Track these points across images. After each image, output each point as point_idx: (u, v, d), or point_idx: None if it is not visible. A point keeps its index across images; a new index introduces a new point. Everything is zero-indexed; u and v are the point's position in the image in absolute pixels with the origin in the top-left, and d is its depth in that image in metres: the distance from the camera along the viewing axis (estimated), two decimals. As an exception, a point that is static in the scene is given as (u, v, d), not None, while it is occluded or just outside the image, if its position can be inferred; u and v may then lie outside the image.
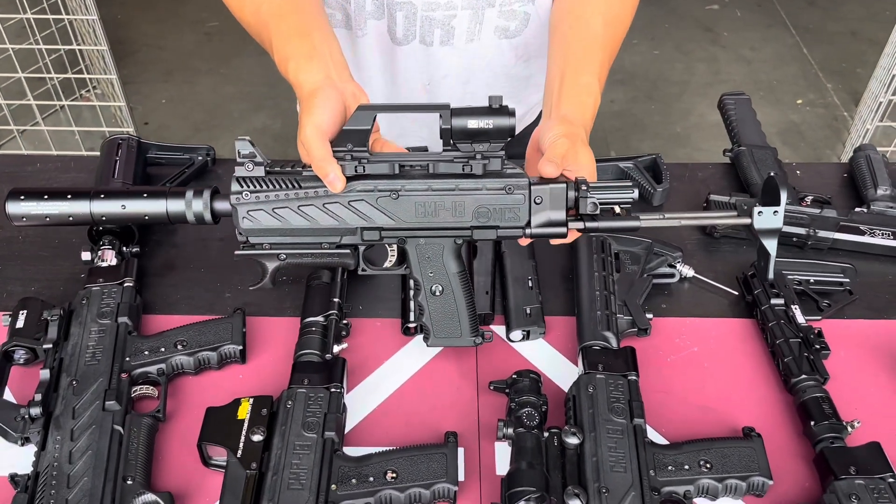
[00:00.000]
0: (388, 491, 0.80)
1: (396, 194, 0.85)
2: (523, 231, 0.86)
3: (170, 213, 0.90)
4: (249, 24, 0.99)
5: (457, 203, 0.85)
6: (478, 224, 0.86)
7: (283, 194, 0.85)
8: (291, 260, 0.89)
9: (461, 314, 0.91)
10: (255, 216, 0.86)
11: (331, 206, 0.86)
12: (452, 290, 0.90)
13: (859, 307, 1.04)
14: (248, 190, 0.85)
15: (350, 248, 0.88)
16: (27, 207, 0.91)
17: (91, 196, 0.91)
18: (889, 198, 1.14)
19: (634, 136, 3.14)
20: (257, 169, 0.85)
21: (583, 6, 1.03)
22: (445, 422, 0.90)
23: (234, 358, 0.94)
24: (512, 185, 0.85)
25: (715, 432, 0.88)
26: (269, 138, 3.05)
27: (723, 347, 0.99)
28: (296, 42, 0.91)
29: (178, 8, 3.82)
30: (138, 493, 0.79)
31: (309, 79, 0.87)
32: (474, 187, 0.85)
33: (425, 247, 0.88)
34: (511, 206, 0.85)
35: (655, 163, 1.21)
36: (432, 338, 0.93)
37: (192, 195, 0.89)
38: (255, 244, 0.88)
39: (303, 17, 0.94)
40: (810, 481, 0.85)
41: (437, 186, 0.85)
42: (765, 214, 0.85)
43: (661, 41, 3.66)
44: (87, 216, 0.91)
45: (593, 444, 0.82)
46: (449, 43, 1.14)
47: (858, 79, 3.37)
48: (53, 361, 0.89)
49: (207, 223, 0.91)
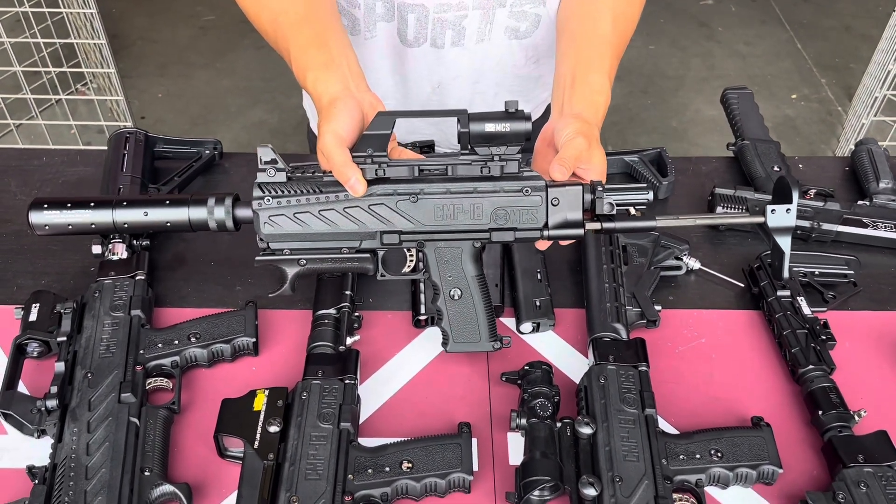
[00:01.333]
0: (404, 480, 0.81)
1: (416, 198, 0.86)
2: (541, 233, 0.87)
3: (192, 221, 0.93)
4: (266, 31, 1.00)
5: (475, 205, 0.87)
6: (496, 226, 0.87)
7: (304, 199, 0.86)
8: (311, 266, 0.89)
9: (480, 318, 0.91)
10: (276, 221, 0.87)
11: (351, 210, 0.87)
12: (471, 294, 0.91)
13: (863, 299, 1.05)
14: (270, 195, 0.87)
15: (369, 253, 0.89)
16: (50, 217, 0.93)
17: (114, 205, 0.93)
18: (891, 191, 1.16)
19: (631, 130, 3.15)
20: (279, 175, 0.87)
21: (591, 4, 1.03)
22: (458, 413, 0.91)
23: (247, 350, 0.95)
24: (529, 187, 0.86)
25: (724, 422, 0.90)
26: (267, 132, 3.05)
27: (730, 338, 1.00)
28: (313, 53, 0.92)
29: (172, 2, 3.81)
30: (156, 484, 0.80)
31: (327, 90, 0.88)
32: (492, 189, 0.86)
33: (444, 250, 0.89)
34: (528, 207, 0.87)
35: (660, 156, 1.22)
36: (451, 343, 0.92)
37: (213, 202, 0.91)
38: (275, 250, 0.89)
39: (320, 26, 0.95)
40: (819, 469, 0.87)
41: (456, 189, 0.86)
42: (778, 212, 0.87)
43: (656, 36, 3.68)
44: (110, 224, 0.93)
45: (606, 433, 0.83)
46: (460, 44, 1.15)
47: (852, 74, 3.40)
48: (67, 354, 0.89)
49: (229, 230, 0.93)
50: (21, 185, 1.19)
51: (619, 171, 1.24)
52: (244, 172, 1.20)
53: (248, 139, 3.02)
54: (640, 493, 0.78)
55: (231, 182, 1.19)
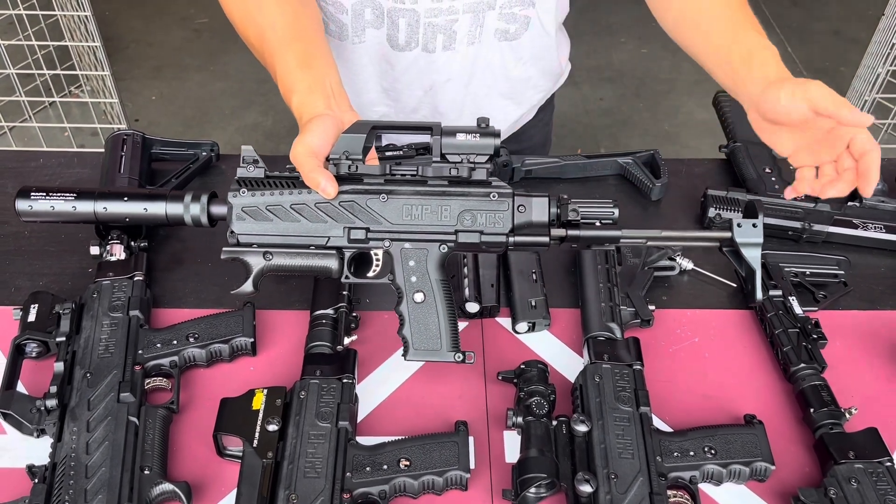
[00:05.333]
0: (402, 478, 0.82)
1: (385, 196, 0.89)
2: (506, 237, 0.89)
3: (169, 216, 0.96)
4: (253, 45, 1.01)
5: (443, 206, 0.89)
6: (462, 228, 0.89)
7: (277, 192, 0.89)
8: (277, 261, 0.90)
9: (442, 325, 0.90)
10: (248, 213, 0.90)
11: (322, 205, 0.89)
12: (434, 299, 0.90)
13: (854, 298, 1.06)
14: (246, 188, 0.90)
15: (335, 252, 0.90)
16: (35, 200, 0.97)
17: (96, 197, 0.96)
18: (880, 192, 1.17)
19: (623, 133, 3.17)
20: (257, 171, 0.90)
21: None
22: (454, 411, 0.92)
23: (245, 350, 0.96)
24: (496, 192, 0.89)
25: (717, 420, 0.91)
26: (261, 135, 3.05)
27: (723, 338, 1.02)
28: (298, 74, 0.94)
29: (166, 4, 3.81)
30: (156, 482, 0.81)
31: (311, 110, 0.91)
32: (460, 192, 0.89)
33: (410, 251, 0.90)
34: (495, 211, 0.89)
35: (654, 158, 1.23)
36: (411, 350, 0.90)
37: (189, 199, 0.94)
38: (243, 244, 0.90)
39: (305, 45, 0.97)
40: (810, 466, 0.88)
41: (425, 191, 0.89)
42: (744, 227, 0.90)
43: (648, 39, 3.70)
44: (91, 213, 0.96)
45: (601, 431, 0.84)
46: (451, 47, 1.16)
47: (842, 77, 3.42)
48: (66, 354, 0.90)
49: (204, 226, 0.95)
50: (18, 187, 1.19)
51: (612, 173, 1.25)
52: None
53: (242, 141, 2.98)
54: (636, 489, 0.80)
55: (228, 183, 1.16)
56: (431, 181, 0.89)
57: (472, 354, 0.91)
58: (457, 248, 0.90)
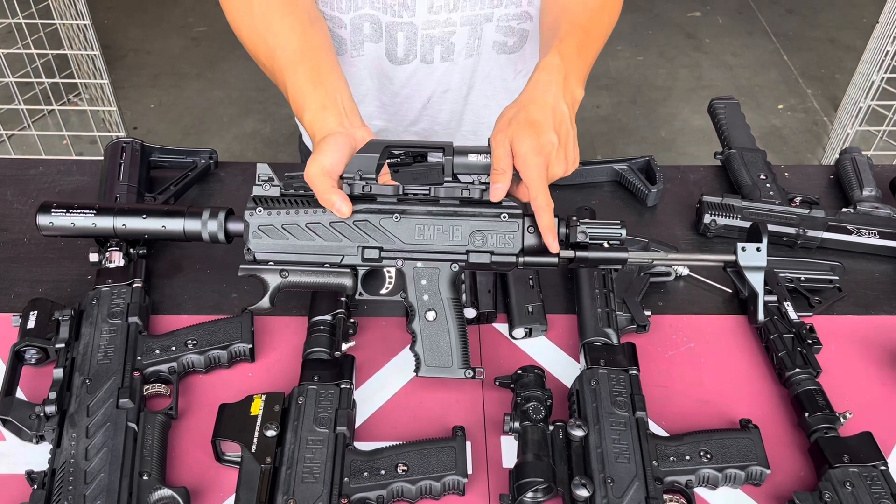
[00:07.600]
0: (399, 483, 0.82)
1: (399, 216, 0.90)
2: (516, 258, 0.90)
3: (186, 232, 0.97)
4: (264, 65, 1.02)
5: (454, 227, 0.90)
6: (473, 248, 0.90)
7: (293, 211, 0.90)
8: (293, 278, 0.91)
9: (453, 342, 0.92)
10: (264, 232, 0.90)
11: (336, 224, 0.90)
12: (446, 317, 0.92)
13: (848, 304, 1.07)
14: (262, 207, 0.91)
15: (350, 270, 0.91)
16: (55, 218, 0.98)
17: (115, 213, 0.98)
18: (874, 198, 1.18)
19: (620, 140, 3.18)
20: (273, 190, 0.91)
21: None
22: (452, 417, 0.93)
23: (243, 356, 0.96)
24: (506, 213, 0.90)
25: (713, 424, 0.91)
26: (260, 143, 3.06)
27: (718, 343, 1.02)
28: (310, 92, 0.95)
29: (164, 13, 3.83)
30: (154, 488, 0.81)
31: (323, 128, 0.92)
32: (471, 213, 0.90)
33: (422, 270, 0.92)
34: (505, 232, 0.90)
35: (649, 164, 1.24)
36: (423, 367, 0.92)
37: (207, 216, 0.96)
38: (260, 261, 0.91)
39: (315, 63, 0.97)
40: (805, 470, 0.88)
41: (437, 211, 0.90)
42: (748, 251, 0.91)
43: (644, 47, 3.72)
44: (111, 229, 0.98)
45: (598, 436, 0.85)
46: (449, 59, 1.17)
47: (837, 84, 3.44)
48: (66, 361, 0.90)
49: (221, 242, 0.96)
50: (18, 195, 1.20)
51: (608, 179, 1.26)
52: (239, 182, 1.22)
53: (240, 149, 3.03)
54: (632, 493, 0.80)
55: (226, 191, 1.21)
56: (443, 201, 0.91)
57: (483, 370, 0.92)
58: (468, 267, 0.92)
